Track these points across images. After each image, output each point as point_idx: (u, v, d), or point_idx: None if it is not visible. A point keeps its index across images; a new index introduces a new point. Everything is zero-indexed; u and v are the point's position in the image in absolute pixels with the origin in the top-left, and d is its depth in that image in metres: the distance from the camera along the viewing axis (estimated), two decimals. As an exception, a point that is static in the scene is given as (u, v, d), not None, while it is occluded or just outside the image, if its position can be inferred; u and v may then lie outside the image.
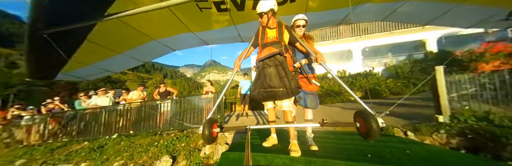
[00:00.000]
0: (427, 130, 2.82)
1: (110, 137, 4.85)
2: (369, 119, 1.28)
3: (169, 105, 4.62)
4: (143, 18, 2.82)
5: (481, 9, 2.44)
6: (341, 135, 2.67)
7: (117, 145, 4.31)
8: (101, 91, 5.75)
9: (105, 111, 5.27)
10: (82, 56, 3.51)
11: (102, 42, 3.38)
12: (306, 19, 2.04)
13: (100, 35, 3.10)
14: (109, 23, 2.80)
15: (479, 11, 2.51)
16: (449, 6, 2.52)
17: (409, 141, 2.39)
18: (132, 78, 31.50)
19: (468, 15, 2.64)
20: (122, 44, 3.69)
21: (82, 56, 3.50)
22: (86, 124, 5.44)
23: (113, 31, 3.11)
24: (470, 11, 2.54)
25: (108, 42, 3.47)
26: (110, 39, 3.37)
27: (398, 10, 2.77)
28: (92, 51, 3.52)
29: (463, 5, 2.41)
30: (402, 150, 1.97)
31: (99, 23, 2.77)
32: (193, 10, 2.67)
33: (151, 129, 4.73)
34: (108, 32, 3.12)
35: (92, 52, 3.57)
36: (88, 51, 3.44)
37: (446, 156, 1.90)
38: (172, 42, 3.88)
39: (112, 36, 3.30)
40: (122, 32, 3.21)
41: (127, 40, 3.56)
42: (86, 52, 3.42)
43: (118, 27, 3.02)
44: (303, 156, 1.65)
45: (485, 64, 2.47)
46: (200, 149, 3.27)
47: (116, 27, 2.99)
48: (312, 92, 2.05)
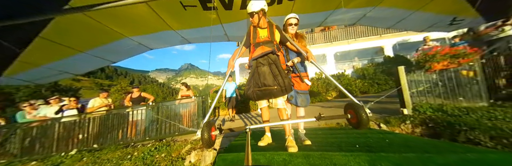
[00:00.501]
0: (395, 122, 3.18)
1: (67, 153, 4.11)
2: (359, 110, 1.43)
3: (144, 112, 4.17)
4: (114, 13, 2.50)
5: (431, 15, 2.99)
6: (327, 131, 2.82)
7: (77, 162, 3.66)
8: (54, 99, 4.88)
9: (59, 123, 4.47)
10: (33, 55, 2.94)
11: (59, 40, 2.89)
12: (298, 18, 2.13)
13: (57, 31, 2.64)
14: (70, 18, 2.41)
15: (430, 17, 3.07)
16: (407, 13, 3.00)
17: (385, 132, 2.66)
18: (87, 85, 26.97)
19: (421, 20, 3.20)
20: (87, 42, 3.20)
21: (33, 55, 2.93)
22: (32, 140, 4.50)
23: (75, 26, 2.69)
24: (423, 17, 3.08)
25: (68, 40, 2.98)
26: (70, 36, 2.90)
27: (367, 15, 3.17)
28: (46, 50, 2.99)
29: (418, 12, 2.91)
30: (382, 140, 2.17)
31: (57, 17, 2.37)
32: (175, 7, 2.51)
33: (121, 141, 4.18)
34: (68, 28, 2.68)
35: (45, 51, 3.03)
36: (41, 50, 2.90)
37: (416, 142, 2.15)
38: (149, 40, 3.55)
39: (74, 32, 2.84)
40: (87, 28, 2.79)
41: (92, 37, 3.09)
42: (38, 51, 2.87)
43: (82, 23, 2.62)
44: (300, 151, 1.68)
45: (437, 63, 2.96)
46: (184, 157, 3.01)
47: (78, 22, 2.59)
48: (303, 91, 2.12)
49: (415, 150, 1.70)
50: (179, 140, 3.69)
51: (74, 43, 3.15)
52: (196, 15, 2.68)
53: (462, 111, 2.77)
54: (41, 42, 2.75)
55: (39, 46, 2.79)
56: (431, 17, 3.04)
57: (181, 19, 2.86)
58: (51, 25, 2.52)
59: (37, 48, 2.83)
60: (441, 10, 2.82)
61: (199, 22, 2.90)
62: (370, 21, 3.40)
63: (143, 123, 4.12)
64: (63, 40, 2.96)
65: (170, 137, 3.90)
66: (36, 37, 2.66)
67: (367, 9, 2.97)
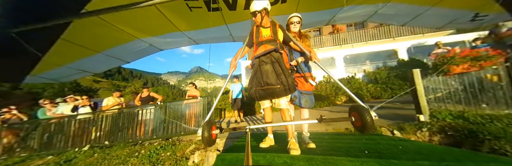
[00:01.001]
0: (411, 129, 2.97)
1: (80, 149, 4.30)
2: (363, 112, 1.35)
3: (153, 111, 4.29)
4: (126, 16, 2.67)
5: (451, 11, 2.77)
6: (334, 136, 2.69)
7: (88, 158, 3.81)
8: (70, 98, 5.18)
9: (74, 120, 4.71)
10: (56, 56, 3.21)
11: (78, 41, 3.13)
12: (300, 17, 2.11)
13: (76, 33, 2.88)
14: (87, 21, 2.61)
15: (449, 13, 2.84)
16: (423, 9, 2.82)
17: (398, 139, 2.48)
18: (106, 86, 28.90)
19: (439, 16, 2.98)
20: (102, 43, 3.43)
21: (56, 56, 3.20)
22: (51, 135, 4.77)
23: (91, 29, 2.90)
24: (441, 13, 2.87)
25: (86, 41, 3.22)
26: (88, 37, 3.13)
27: (379, 12, 3.02)
28: (67, 51, 3.24)
29: (435, 7, 2.72)
30: (395, 146, 2.03)
31: (75, 20, 2.57)
32: (182, 9, 2.62)
33: (130, 139, 4.30)
34: (85, 30, 2.90)
35: (67, 52, 3.29)
36: (62, 51, 3.16)
37: (433, 150, 1.99)
38: (159, 41, 3.72)
39: (91, 34, 3.07)
40: (102, 30, 2.99)
41: (107, 38, 3.32)
42: (60, 52, 3.14)
43: (97, 25, 2.82)
44: (302, 154, 1.61)
45: (456, 66, 2.76)
46: (188, 157, 3.02)
47: (94, 25, 2.79)
48: (307, 92, 2.06)
49: (430, 158, 1.56)
50: (184, 139, 3.72)
51: (91, 45, 3.37)
52: (201, 16, 2.76)
53: (486, 119, 2.54)
54: (62, 43, 2.99)
55: (60, 47, 3.04)
56: (451, 13, 2.82)
57: (187, 20, 2.97)
58: (70, 28, 2.74)
59: (59, 49, 3.08)
60: (461, 5, 2.61)
61: (204, 23, 2.99)
62: (382, 18, 3.24)
63: (151, 122, 4.22)
64: (82, 41, 3.18)
65: (176, 137, 3.94)
66: (58, 39, 2.89)
67: (378, 5, 2.83)
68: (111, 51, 3.65)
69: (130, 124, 4.43)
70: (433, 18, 3.05)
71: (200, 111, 3.84)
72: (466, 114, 2.71)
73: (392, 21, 3.52)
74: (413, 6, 2.79)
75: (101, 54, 3.63)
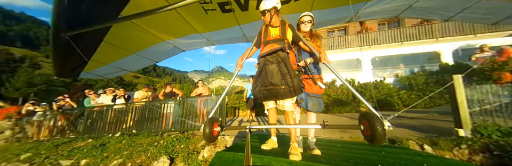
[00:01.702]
0: (446, 145, 2.57)
1: (113, 135, 4.87)
2: (374, 121, 1.20)
3: (173, 105, 4.62)
4: (152, 20, 2.97)
5: (507, 3, 2.22)
6: (348, 145, 2.47)
7: (118, 143, 4.30)
8: (109, 90, 5.92)
9: (111, 109, 5.38)
10: (101, 56, 3.73)
11: (117, 43, 3.60)
12: (312, 16, 2.01)
13: (115, 36, 3.30)
14: (122, 25, 2.98)
15: (506, 5, 2.26)
16: (472, 1, 2.33)
17: (427, 155, 2.16)
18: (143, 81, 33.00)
19: (494, 9, 2.39)
20: (135, 45, 3.89)
21: (100, 56, 3.72)
22: (92, 121, 5.54)
23: (126, 32, 3.30)
24: (495, 6, 2.30)
25: (122, 43, 3.68)
26: (124, 40, 3.57)
27: (414, 5, 2.61)
28: (109, 52, 3.74)
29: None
30: (418, 163, 1.77)
31: (114, 25, 2.95)
32: (198, 11, 2.77)
33: (154, 129, 4.71)
34: (122, 34, 3.31)
35: (108, 53, 3.80)
36: (105, 52, 3.65)
37: (469, 171, 1.67)
38: (181, 43, 4.03)
39: (126, 37, 3.50)
40: (135, 34, 3.40)
41: (139, 41, 3.75)
42: (103, 52, 3.64)
43: (131, 29, 3.20)
44: (304, 160, 1.52)
45: (509, 73, 2.27)
46: (199, 151, 3.16)
47: (129, 28, 3.17)
48: (315, 95, 1.94)
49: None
50: (198, 134, 3.90)
51: (127, 46, 3.83)
52: (216, 18, 2.86)
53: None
54: (105, 45, 3.45)
55: (104, 48, 3.51)
56: (508, 5, 2.27)
57: (204, 22, 3.13)
58: (111, 32, 3.14)
59: (103, 50, 3.56)
60: None
61: (219, 25, 3.10)
62: (418, 12, 2.76)
63: (171, 115, 4.56)
64: (120, 43, 3.63)
65: (191, 130, 4.16)
66: (101, 41, 3.35)
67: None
68: (143, 52, 4.11)
69: (155, 116, 4.85)
70: (485, 11, 2.48)
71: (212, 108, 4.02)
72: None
73: (433, 16, 2.92)
74: None
75: (135, 55, 4.12)
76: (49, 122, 5.95)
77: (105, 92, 6.02)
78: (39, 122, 6.14)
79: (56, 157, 4.08)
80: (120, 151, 3.85)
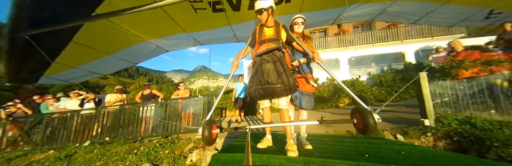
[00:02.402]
0: (415, 133, 2.89)
1: (81, 144, 4.34)
2: (366, 115, 1.31)
3: (153, 108, 4.30)
4: (134, 18, 2.72)
5: (464, 8, 2.66)
6: (334, 138, 2.62)
7: (88, 154, 3.84)
8: (74, 93, 5.24)
9: (77, 115, 4.77)
10: (68, 58, 3.28)
11: (89, 44, 3.20)
12: (304, 17, 2.08)
13: (87, 36, 2.94)
14: (98, 23, 2.68)
15: (462, 10, 2.72)
16: (434, 6, 2.72)
17: (402, 143, 2.40)
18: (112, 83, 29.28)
19: (451, 14, 2.86)
20: (112, 45, 3.51)
21: (67, 58, 3.27)
22: (53, 130, 4.84)
23: (102, 31, 2.97)
24: (454, 11, 2.75)
25: (96, 43, 3.29)
26: (98, 40, 3.20)
27: (387, 10, 2.94)
28: (78, 53, 3.31)
29: (447, 4, 2.61)
30: (397, 151, 1.96)
31: (86, 23, 2.63)
32: (187, 10, 2.64)
33: (131, 135, 4.32)
34: (96, 33, 2.96)
35: (78, 54, 3.36)
36: (74, 53, 3.22)
37: (439, 155, 1.91)
38: (165, 43, 3.77)
39: (101, 37, 3.13)
40: (112, 33, 3.06)
41: (116, 41, 3.39)
42: (71, 54, 3.21)
43: (107, 28, 2.88)
44: (300, 156, 1.56)
45: (465, 70, 2.66)
46: (186, 156, 3.01)
47: (104, 27, 2.85)
48: (308, 93, 2.03)
49: (434, 164, 1.50)
50: (183, 138, 3.72)
51: (101, 47, 3.43)
52: (206, 17, 2.77)
53: (494, 126, 2.43)
54: (74, 46, 3.05)
55: (72, 49, 3.10)
56: (464, 10, 2.71)
57: (193, 22, 2.99)
58: (82, 31, 2.79)
59: (71, 52, 3.14)
60: (475, 2, 2.51)
61: (209, 24, 3.00)
62: (390, 16, 3.15)
63: (152, 119, 4.24)
64: (92, 44, 3.24)
65: (176, 134, 3.94)
66: (69, 42, 2.95)
67: (386, 3, 2.76)
68: (120, 53, 3.73)
69: (131, 121, 4.46)
70: (445, 16, 2.93)
71: (200, 109, 3.83)
72: (473, 119, 2.61)
73: (402, 19, 3.37)
74: (424, 3, 2.69)
75: (110, 56, 3.72)
76: (-4, 133, 5.02)
77: (67, 95, 5.30)
78: (-19, 133, 5.13)
79: (9, 174, 3.48)
80: (92, 162, 3.45)
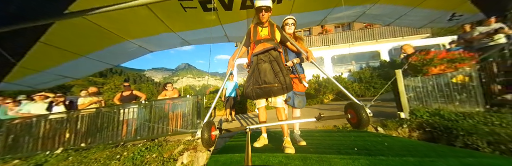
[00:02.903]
0: (392, 125, 3.15)
1: (52, 152, 3.93)
2: (359, 110, 1.39)
3: (136, 110, 4.03)
4: (114, 16, 2.49)
5: (431, 11, 3.06)
6: (324, 133, 2.76)
7: (62, 162, 3.49)
8: (39, 95, 4.66)
9: (44, 120, 4.28)
10: (33, 60, 2.92)
11: (60, 44, 2.88)
12: (295, 19, 2.12)
13: (57, 36, 2.64)
14: (71, 22, 2.41)
15: (429, 13, 3.15)
16: (406, 9, 3.06)
17: (383, 135, 2.61)
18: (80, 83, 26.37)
19: (421, 17, 3.26)
20: (86, 46, 3.20)
21: (33, 60, 2.91)
22: (17, 137, 4.29)
23: (75, 30, 2.68)
24: (423, 14, 3.15)
25: (68, 44, 2.97)
26: (70, 40, 2.89)
27: (367, 12, 3.21)
28: (46, 55, 2.97)
29: (417, 8, 2.97)
30: (381, 143, 2.13)
31: (57, 21, 2.34)
32: (176, 9, 2.51)
33: (111, 140, 4.02)
34: (68, 33, 2.67)
35: (45, 56, 3.01)
36: (41, 55, 2.88)
37: (415, 145, 2.11)
38: (149, 42, 3.54)
39: (74, 37, 2.83)
40: (87, 32, 2.79)
41: (92, 41, 3.10)
42: (38, 56, 2.86)
43: (82, 27, 2.61)
44: (296, 152, 1.61)
45: (434, 68, 2.97)
46: (176, 158, 2.90)
47: (79, 26, 2.58)
48: (300, 93, 2.10)
49: (415, 154, 1.66)
50: (172, 140, 3.57)
51: (74, 48, 3.12)
52: (196, 16, 2.67)
53: (459, 116, 2.77)
54: (41, 47, 2.72)
55: (39, 51, 2.77)
56: (431, 13, 3.12)
57: (181, 21, 2.85)
58: (51, 30, 2.49)
59: (37, 53, 2.81)
60: (440, 6, 2.89)
61: (199, 24, 2.90)
62: (369, 18, 3.47)
63: (134, 121, 3.97)
64: (63, 44, 2.92)
65: (163, 137, 3.77)
66: (36, 42, 2.62)
67: (366, 6, 3.01)
68: (96, 54, 3.40)
69: (111, 124, 4.14)
70: (415, 18, 3.32)
71: (189, 111, 3.68)
72: (442, 111, 2.93)
73: (379, 21, 3.76)
74: (397, 7, 3.00)
75: (84, 58, 3.37)
76: None
77: (31, 98, 4.71)
78: None
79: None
80: (68, 170, 3.15)
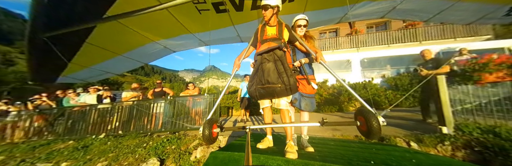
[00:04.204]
0: (431, 141, 2.69)
1: (97, 136, 4.62)
2: (369, 117, 1.24)
3: (163, 105, 4.46)
4: (141, 20, 2.84)
5: (481, 5, 2.48)
6: (340, 142, 2.52)
7: (103, 145, 4.08)
8: (93, 88, 5.59)
9: (95, 109, 5.09)
10: (82, 58, 3.51)
11: (101, 44, 3.39)
12: (307, 20, 2.02)
13: (99, 37, 3.11)
14: (108, 25, 2.83)
15: (480, 7, 2.55)
16: (448, 3, 2.57)
17: (415, 151, 2.25)
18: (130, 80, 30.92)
19: (468, 11, 2.68)
20: (122, 46, 3.71)
21: (82, 58, 3.50)
22: (74, 122, 5.21)
23: (112, 33, 3.13)
24: (470, 8, 2.58)
25: (108, 44, 3.48)
26: (109, 41, 3.38)
27: (398, 7, 2.81)
28: (92, 54, 3.53)
29: (462, 1, 2.45)
30: (408, 159, 1.84)
31: (98, 25, 2.78)
32: (192, 11, 2.70)
33: (142, 130, 4.52)
34: (107, 34, 3.13)
35: (91, 55, 3.58)
36: (88, 54, 3.44)
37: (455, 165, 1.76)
38: (172, 43, 3.92)
39: (112, 38, 3.32)
40: (122, 34, 3.23)
41: (126, 41, 3.57)
42: (85, 54, 3.42)
43: (117, 29, 3.04)
44: (300, 158, 1.52)
45: (489, 74, 2.43)
46: (191, 152, 3.08)
47: (115, 29, 3.01)
48: (309, 95, 1.96)
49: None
50: (190, 134, 3.81)
51: (112, 47, 3.62)
52: (210, 18, 2.82)
53: (523, 136, 2.19)
54: (88, 47, 3.24)
55: (86, 50, 3.29)
56: (481, 7, 2.54)
57: (197, 22, 3.06)
58: (94, 32, 2.95)
59: (85, 52, 3.34)
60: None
61: (213, 25, 3.05)
62: (401, 13, 3.02)
63: (161, 115, 4.40)
64: (104, 44, 3.42)
65: (183, 131, 4.04)
66: (84, 42, 3.14)
67: (397, 1, 2.63)
68: (130, 53, 3.93)
69: (143, 116, 4.66)
70: (461, 13, 2.74)
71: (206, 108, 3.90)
72: (498, 128, 2.37)
73: (413, 17, 3.19)
74: (437, 0, 2.53)
75: (121, 56, 3.94)
76: (25, 122, 5.51)
77: (87, 90, 5.68)
78: (13, 122, 5.67)
79: (33, 160, 3.79)
80: (105, 153, 3.65)
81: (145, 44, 3.73)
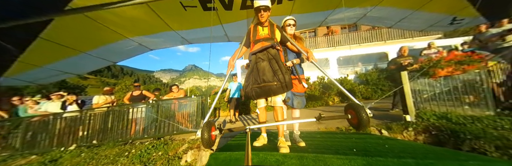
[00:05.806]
0: (398, 128, 3.09)
1: (66, 148, 4.15)
2: (359, 110, 1.40)
3: (144, 110, 4.20)
4: (115, 14, 2.57)
5: (432, 15, 3.03)
6: (325, 135, 2.76)
7: (75, 158, 3.68)
8: (55, 95, 4.94)
9: (60, 118, 4.54)
10: (34, 56, 3.02)
11: (60, 40, 2.95)
12: (295, 19, 2.14)
13: (57, 32, 2.71)
14: (71, 18, 2.48)
15: (431, 17, 3.12)
16: (407, 12, 3.05)
17: (386, 138, 2.58)
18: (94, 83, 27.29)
19: (421, 20, 3.25)
20: (87, 42, 3.27)
21: (33, 56, 3.01)
22: (34, 134, 4.57)
23: (75, 27, 2.74)
24: (424, 17, 3.13)
25: (68, 40, 3.04)
26: (71, 36, 2.96)
27: (367, 14, 3.21)
28: (47, 51, 3.05)
29: (418, 11, 2.96)
30: (382, 145, 2.11)
31: (57, 18, 2.42)
32: (176, 8, 2.56)
33: (120, 138, 4.20)
34: (68, 29, 2.74)
35: (46, 52, 3.10)
36: (41, 51, 2.97)
37: (417, 148, 2.08)
38: (149, 41, 3.65)
39: (74, 33, 2.91)
40: (87, 29, 2.85)
41: (93, 37, 3.16)
42: (38, 51, 2.95)
43: (82, 24, 2.68)
44: (294, 152, 1.64)
45: (441, 70, 2.90)
46: (180, 157, 3.00)
47: (79, 23, 2.66)
48: (300, 94, 2.11)
49: (415, 156, 1.64)
50: (177, 139, 3.69)
51: (74, 44, 3.20)
52: (196, 15, 2.72)
53: (467, 120, 2.68)
54: (41, 43, 2.82)
55: (39, 46, 2.86)
56: (432, 17, 3.11)
57: (181, 20, 2.92)
58: (51, 26, 2.58)
59: (38, 49, 2.90)
60: (441, 9, 2.88)
61: (199, 23, 2.95)
62: (370, 20, 3.48)
63: (142, 120, 4.13)
64: (64, 40, 3.00)
65: (169, 136, 3.89)
66: (36, 38, 2.72)
67: (367, 8, 3.02)
68: (96, 51, 3.52)
69: (121, 123, 4.32)
70: (416, 21, 3.30)
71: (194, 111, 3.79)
72: (449, 114, 2.85)
73: (380, 23, 3.76)
74: (399, 10, 3.01)
75: (85, 54, 3.50)
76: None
77: (48, 97, 5.01)
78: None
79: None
80: (80, 165, 3.32)
81: (116, 41, 3.37)
